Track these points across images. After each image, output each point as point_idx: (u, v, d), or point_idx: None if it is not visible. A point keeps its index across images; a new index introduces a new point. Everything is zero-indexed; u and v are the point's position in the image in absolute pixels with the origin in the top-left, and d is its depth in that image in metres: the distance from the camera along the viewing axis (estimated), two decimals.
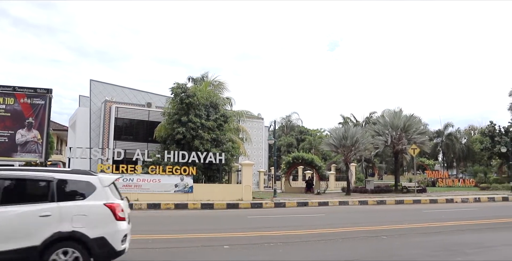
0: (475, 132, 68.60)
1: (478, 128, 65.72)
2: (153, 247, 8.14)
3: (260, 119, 53.59)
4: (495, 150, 41.25)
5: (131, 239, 8.94)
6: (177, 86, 24.53)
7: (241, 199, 21.06)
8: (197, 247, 8.24)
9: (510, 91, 51.01)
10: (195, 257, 7.39)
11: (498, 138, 42.22)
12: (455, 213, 16.84)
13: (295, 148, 59.46)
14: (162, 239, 9.25)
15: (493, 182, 40.00)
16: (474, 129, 70.09)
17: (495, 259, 7.31)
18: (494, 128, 44.92)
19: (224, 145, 24.66)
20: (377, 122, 35.53)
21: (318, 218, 15.01)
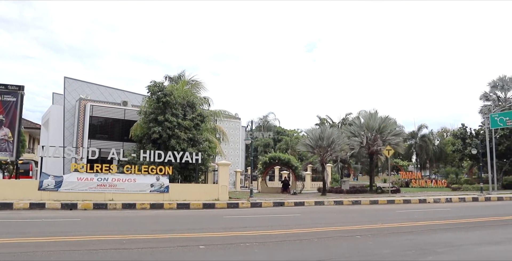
0: (447, 134, 70.18)
1: (450, 131, 67.29)
2: (127, 247, 8.04)
3: (237, 119, 53.54)
4: (466, 152, 42.29)
5: (105, 240, 8.85)
6: (154, 84, 24.32)
7: (218, 199, 21.01)
8: (172, 247, 8.18)
9: (481, 95, 52.43)
10: (170, 257, 7.33)
11: (469, 140, 43.28)
12: (427, 213, 17.18)
13: (272, 148, 59.78)
14: (137, 239, 9.14)
15: (464, 183, 41.03)
16: (447, 132, 71.70)
17: (464, 258, 7.49)
18: (465, 130, 46.03)
19: (201, 145, 24.57)
20: (353, 124, 35.98)
21: (294, 218, 15.09)
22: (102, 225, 12.32)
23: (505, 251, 8.16)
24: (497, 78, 51.79)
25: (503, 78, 51.46)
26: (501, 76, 51.63)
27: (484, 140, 35.86)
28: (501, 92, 51.83)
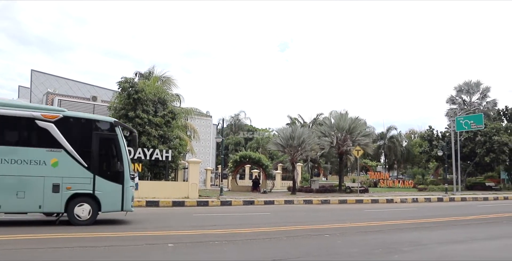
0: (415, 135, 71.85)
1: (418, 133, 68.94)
2: (94, 245, 7.89)
3: (209, 117, 53.27)
4: (433, 153, 43.39)
5: (70, 238, 8.65)
6: (124, 80, 23.90)
7: (187, 197, 20.87)
8: (140, 245, 8.06)
9: (447, 99, 53.96)
10: (137, 255, 7.23)
11: (435, 142, 44.43)
12: (395, 212, 17.54)
13: (243, 146, 59.79)
14: (104, 237, 8.98)
15: (430, 183, 42.11)
16: (414, 133, 73.42)
17: (428, 256, 7.67)
18: (432, 132, 47.22)
19: (172, 142, 24.33)
20: (324, 124, 36.36)
21: (264, 216, 15.13)
22: None
23: (467, 250, 8.41)
24: (463, 83, 53.42)
25: (469, 83, 53.11)
26: (467, 81, 53.29)
27: (449, 142, 36.88)
28: (466, 96, 53.48)
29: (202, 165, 40.05)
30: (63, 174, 10.83)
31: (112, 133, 11.85)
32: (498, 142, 39.84)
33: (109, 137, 11.80)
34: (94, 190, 11.11)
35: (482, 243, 9.37)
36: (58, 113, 11.13)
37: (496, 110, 50.41)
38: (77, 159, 11.00)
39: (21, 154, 10.47)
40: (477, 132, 40.10)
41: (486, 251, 8.41)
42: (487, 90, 52.97)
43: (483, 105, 52.23)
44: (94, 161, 11.30)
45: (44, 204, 10.59)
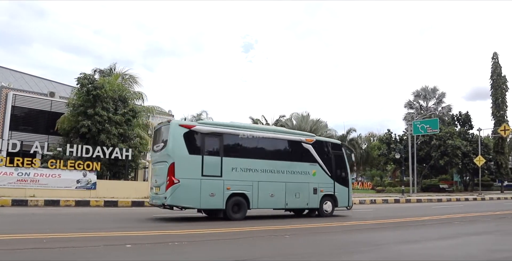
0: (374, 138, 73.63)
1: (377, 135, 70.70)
2: (48, 246, 7.60)
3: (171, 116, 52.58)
4: (391, 156, 44.64)
5: (23, 239, 8.32)
6: (83, 76, 23.30)
7: (147, 197, 20.54)
8: (97, 246, 7.83)
9: (405, 103, 55.73)
10: (94, 257, 7.01)
11: (393, 145, 45.72)
12: (354, 213, 17.86)
13: None
14: (60, 238, 8.67)
15: (388, 185, 43.32)
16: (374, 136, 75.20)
17: (385, 255, 7.86)
18: (390, 136, 48.56)
19: (132, 141, 23.91)
20: (286, 125, 36.74)
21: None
22: (21, 223, 11.57)
23: (422, 249, 8.67)
24: (420, 88, 55.44)
25: (426, 89, 55.09)
26: (424, 87, 55.32)
27: (407, 145, 38.03)
28: (423, 102, 55.47)
29: None
30: (318, 181, 15.03)
31: (340, 151, 16.28)
32: (451, 145, 41.47)
33: (339, 154, 16.14)
34: (334, 192, 15.45)
35: (436, 242, 9.68)
36: (312, 138, 15.61)
37: (450, 115, 52.53)
38: (325, 170, 15.31)
39: (297, 167, 14.62)
40: (432, 135, 41.59)
41: (440, 249, 8.71)
42: (442, 96, 55.10)
43: (438, 110, 54.26)
44: (333, 171, 15.55)
45: (309, 202, 14.75)
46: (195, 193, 12.50)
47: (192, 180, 12.50)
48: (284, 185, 14.18)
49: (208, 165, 12.81)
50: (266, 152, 14.36)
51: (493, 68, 49.45)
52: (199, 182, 12.57)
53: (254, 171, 13.69)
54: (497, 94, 48.55)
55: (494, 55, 49.90)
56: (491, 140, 50.39)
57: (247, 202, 13.35)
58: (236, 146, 13.88)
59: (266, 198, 13.77)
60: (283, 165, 14.31)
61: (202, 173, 12.68)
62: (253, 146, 14.10)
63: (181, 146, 12.66)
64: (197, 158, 12.74)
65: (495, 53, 49.87)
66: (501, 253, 8.41)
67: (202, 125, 13.58)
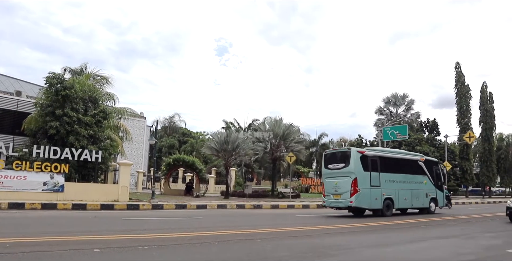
0: (345, 143, 74.53)
1: (348, 141, 71.61)
2: (11, 251, 7.34)
3: (142, 119, 51.96)
4: None
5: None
6: (52, 76, 22.65)
7: (117, 200, 20.21)
8: (64, 251, 7.61)
9: (376, 110, 56.65)
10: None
11: None
12: (324, 217, 17.99)
13: (177, 149, 58.84)
14: (24, 242, 8.39)
15: None
16: (345, 141, 76.17)
17: (355, 259, 7.94)
18: (361, 141, 49.29)
19: (102, 143, 23.44)
20: (259, 129, 36.73)
21: (196, 220, 14.95)
22: None
23: (392, 252, 8.81)
24: (390, 95, 56.41)
25: (396, 96, 56.14)
26: (394, 94, 56.33)
27: None
28: (393, 108, 56.49)
29: (134, 167, 38.96)
30: (427, 188, 21.17)
31: (437, 166, 22.71)
32: (420, 151, 42.35)
33: (437, 168, 22.52)
34: (436, 196, 21.69)
35: (404, 245, 9.86)
36: (423, 157, 22.13)
37: (419, 122, 53.71)
38: (430, 180, 21.50)
39: (416, 178, 20.68)
40: (402, 141, 42.45)
41: (409, 253, 8.86)
42: (411, 103, 56.27)
43: (407, 117, 55.36)
44: (435, 181, 21.76)
45: (423, 203, 20.91)
46: (368, 198, 17.98)
47: (366, 189, 17.89)
48: (411, 191, 20.16)
49: (373, 178, 18.35)
50: (402, 168, 20.18)
51: (457, 77, 50.91)
52: (369, 191, 18.08)
53: (396, 182, 19.51)
54: (462, 103, 49.99)
55: (457, 65, 51.39)
56: (457, 147, 51.82)
57: (393, 204, 19.07)
58: (387, 164, 19.36)
59: (402, 201, 19.64)
60: (410, 177, 20.31)
61: (370, 184, 18.17)
62: (395, 165, 20.00)
63: (359, 166, 17.99)
64: (367, 173, 18.19)
65: (458, 63, 51.39)
66: (467, 255, 8.67)
67: (369, 151, 19.33)
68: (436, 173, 22.02)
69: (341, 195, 17.95)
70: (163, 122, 68.52)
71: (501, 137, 61.23)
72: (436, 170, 22.26)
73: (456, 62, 51.60)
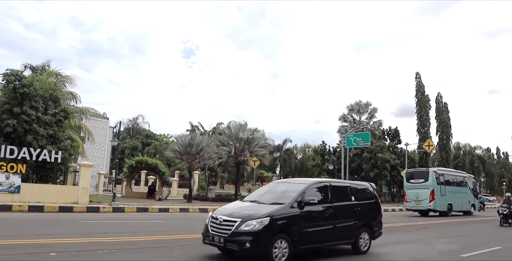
0: (309, 149, 75.45)
1: (312, 147, 72.51)
2: None
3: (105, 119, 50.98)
4: (324, 167, 45.84)
5: None
6: (10, 72, 21.80)
7: (77, 202, 19.67)
8: (18, 254, 7.35)
9: (340, 116, 57.61)
10: None
11: (327, 156, 47.05)
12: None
13: (140, 151, 57.92)
14: None
15: None
16: (309, 147, 77.10)
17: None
18: (325, 147, 49.96)
19: (62, 143, 22.74)
20: (223, 133, 36.68)
21: (158, 224, 14.77)
22: None
23: (350, 257, 8.96)
24: (354, 103, 57.55)
25: (359, 103, 57.31)
26: (358, 101, 57.52)
27: (340, 157, 39.30)
28: (356, 115, 57.63)
29: (95, 169, 38.08)
30: (469, 197, 29.08)
31: (475, 181, 31.73)
32: (381, 159, 43.42)
33: (475, 182, 31.23)
34: (474, 202, 29.57)
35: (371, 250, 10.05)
36: (466, 175, 30.71)
37: (381, 130, 54.95)
38: (471, 190, 29.53)
39: (463, 190, 28.93)
40: (364, 148, 43.31)
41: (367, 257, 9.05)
42: (374, 111, 57.57)
43: (370, 125, 56.57)
44: (474, 191, 29.91)
45: (468, 208, 28.78)
46: (439, 203, 26.00)
47: (438, 197, 25.93)
48: (461, 199, 28.31)
49: (442, 190, 26.41)
50: (456, 183, 28.80)
51: (417, 87, 52.55)
52: (440, 198, 26.05)
53: (454, 192, 27.70)
54: (422, 112, 51.61)
55: (417, 75, 53.08)
56: (417, 154, 53.34)
57: (452, 208, 27.15)
58: (448, 180, 27.94)
59: (456, 206, 27.61)
60: (460, 189, 28.76)
61: (440, 194, 26.20)
62: (453, 180, 28.71)
63: (434, 181, 26.26)
64: (438, 186, 26.25)
65: (418, 73, 53.09)
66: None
67: (439, 171, 28.15)
68: (474, 186, 30.67)
69: (421, 201, 26.04)
70: (127, 124, 67.33)
71: (458, 146, 63.61)
72: (474, 183, 31.20)
73: (416, 72, 53.28)
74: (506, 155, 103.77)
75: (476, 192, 30.72)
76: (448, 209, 26.61)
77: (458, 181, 29.23)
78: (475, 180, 32.15)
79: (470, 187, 29.80)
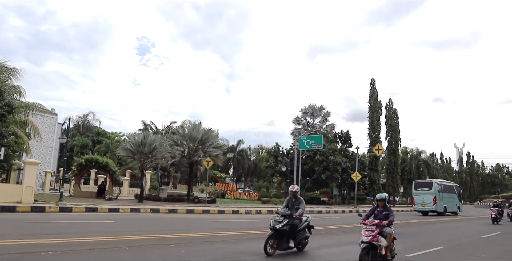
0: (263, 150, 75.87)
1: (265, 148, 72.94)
2: None
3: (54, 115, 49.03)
4: (277, 168, 46.19)
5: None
6: None
7: (20, 202, 18.82)
8: None
9: (294, 119, 58.24)
10: None
11: (280, 158, 47.44)
12: (239, 223, 18.15)
13: (90, 149, 56.13)
14: None
15: (273, 196, 44.65)
16: (263, 149, 77.54)
17: None
18: (278, 149, 50.38)
19: (5, 139, 21.61)
20: (177, 133, 36.20)
21: (107, 224, 14.33)
22: None
23: (300, 257, 9.05)
24: (308, 106, 58.37)
25: (313, 106, 58.21)
26: (312, 105, 58.41)
27: (293, 159, 39.71)
28: (310, 119, 58.46)
29: (42, 167, 36.56)
30: (455, 200, 37.90)
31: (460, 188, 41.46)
32: (333, 161, 44.30)
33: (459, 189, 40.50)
34: (459, 205, 38.69)
35: (314, 251, 10.18)
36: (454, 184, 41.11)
37: (333, 133, 56.07)
38: (456, 195, 38.30)
39: (452, 196, 37.37)
40: (317, 151, 44.00)
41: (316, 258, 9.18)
42: (327, 115, 58.63)
43: (323, 128, 57.54)
44: (459, 197, 39.08)
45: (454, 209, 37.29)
46: (440, 206, 33.94)
47: (439, 201, 33.62)
48: (451, 202, 36.23)
49: (441, 196, 34.21)
50: (448, 190, 36.68)
51: (371, 93, 54.10)
52: (440, 202, 33.84)
53: (447, 197, 35.54)
54: (373, 117, 53.17)
55: (372, 81, 54.68)
56: (367, 158, 54.87)
57: (446, 209, 34.94)
58: (444, 188, 35.66)
59: (449, 207, 35.44)
60: (450, 195, 36.56)
61: (439, 199, 33.91)
62: (447, 188, 36.67)
63: (436, 189, 34.01)
64: (439, 193, 34.10)
65: (373, 79, 54.71)
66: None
67: (438, 181, 36.57)
68: (459, 192, 39.34)
69: (426, 204, 33.82)
70: (77, 121, 65.01)
71: (405, 150, 65.96)
72: (459, 190, 39.92)
73: (372, 78, 54.84)
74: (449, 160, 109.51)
75: (460, 197, 39.50)
76: (444, 210, 34.75)
77: (450, 189, 37.71)
78: (459, 188, 41.31)
79: (456, 193, 38.54)
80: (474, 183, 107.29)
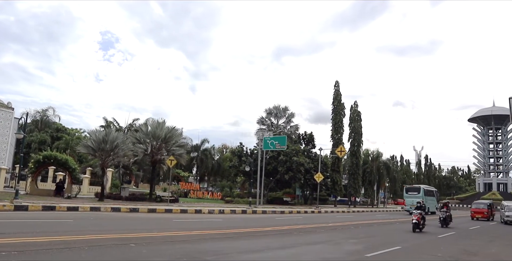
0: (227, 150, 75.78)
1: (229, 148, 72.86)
2: None
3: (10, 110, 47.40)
4: (241, 168, 46.24)
5: None
6: None
7: None
8: None
9: (258, 119, 58.57)
10: None
11: (244, 158, 47.53)
12: (202, 223, 18.07)
13: (49, 146, 54.41)
14: None
15: (236, 196, 44.72)
16: (226, 148, 77.46)
17: None
18: (242, 149, 50.46)
19: None
20: (140, 130, 35.68)
21: (66, 224, 13.95)
22: None
23: (262, 258, 9.12)
24: (272, 107, 58.81)
25: (278, 108, 58.70)
26: (276, 106, 58.87)
27: (256, 159, 39.85)
28: (274, 119, 58.91)
29: None
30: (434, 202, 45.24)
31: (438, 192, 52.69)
32: (296, 162, 44.77)
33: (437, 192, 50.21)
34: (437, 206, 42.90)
35: (277, 251, 10.28)
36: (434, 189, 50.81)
37: (297, 134, 56.67)
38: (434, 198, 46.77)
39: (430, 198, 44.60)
40: (280, 152, 44.38)
41: (281, 258, 9.26)
42: (292, 116, 59.24)
43: (287, 129, 58.09)
44: (436, 198, 47.26)
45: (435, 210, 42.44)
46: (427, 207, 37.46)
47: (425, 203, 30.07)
48: (431, 204, 43.08)
49: (426, 199, 40.54)
50: (429, 193, 44.56)
51: (334, 95, 54.98)
52: (425, 204, 30.50)
53: (429, 200, 42.71)
54: (337, 119, 54.06)
55: (336, 83, 55.56)
56: (330, 159, 55.74)
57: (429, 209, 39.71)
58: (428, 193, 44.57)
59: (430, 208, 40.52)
60: (431, 198, 44.46)
61: (426, 201, 37.75)
62: (430, 193, 45.50)
63: (423, 193, 41.85)
64: (425, 197, 41.15)
65: (337, 82, 55.58)
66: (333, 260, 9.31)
67: (425, 187, 45.97)
68: (436, 196, 47.77)
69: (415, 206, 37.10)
70: (35, 116, 62.86)
71: (367, 152, 67.38)
72: (437, 194, 48.93)
73: (336, 81, 55.67)
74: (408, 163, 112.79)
75: (438, 199, 47.10)
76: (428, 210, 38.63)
77: (431, 193, 46.04)
78: (437, 192, 51.30)
79: (435, 196, 46.80)
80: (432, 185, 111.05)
